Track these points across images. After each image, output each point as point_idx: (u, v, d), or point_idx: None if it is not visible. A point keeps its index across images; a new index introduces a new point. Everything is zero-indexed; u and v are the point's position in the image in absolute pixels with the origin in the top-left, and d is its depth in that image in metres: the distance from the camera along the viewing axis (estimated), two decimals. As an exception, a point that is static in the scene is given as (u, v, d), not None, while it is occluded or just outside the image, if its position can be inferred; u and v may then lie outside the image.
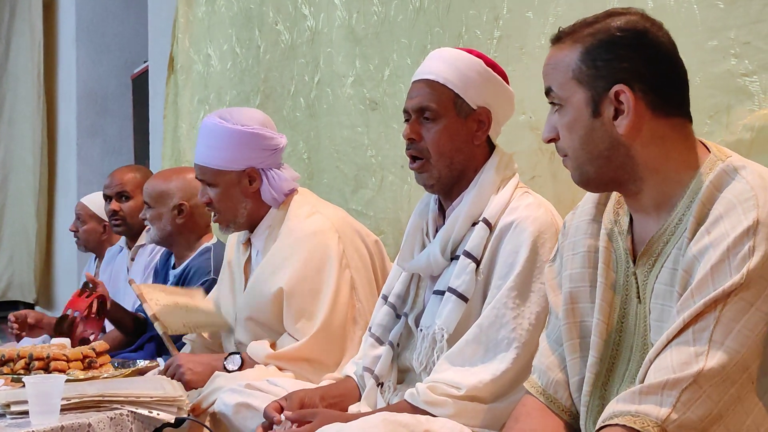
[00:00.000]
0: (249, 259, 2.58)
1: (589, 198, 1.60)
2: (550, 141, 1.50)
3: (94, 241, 4.08)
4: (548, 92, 1.48)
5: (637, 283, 1.46)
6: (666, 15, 1.97)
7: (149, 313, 2.54)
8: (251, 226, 2.54)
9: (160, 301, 2.60)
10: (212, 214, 2.55)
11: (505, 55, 2.40)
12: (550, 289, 1.63)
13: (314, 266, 2.37)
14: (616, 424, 1.26)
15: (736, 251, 1.26)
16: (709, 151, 1.42)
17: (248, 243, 2.59)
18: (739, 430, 1.25)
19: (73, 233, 4.16)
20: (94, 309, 3.04)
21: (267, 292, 2.42)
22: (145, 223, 3.12)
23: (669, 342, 1.28)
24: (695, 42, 1.93)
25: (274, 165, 2.49)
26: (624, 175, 1.44)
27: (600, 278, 1.50)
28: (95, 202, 4.10)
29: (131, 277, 3.62)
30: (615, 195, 1.55)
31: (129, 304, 3.46)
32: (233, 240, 2.68)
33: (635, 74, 1.40)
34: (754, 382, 1.26)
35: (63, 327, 2.94)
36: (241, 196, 2.48)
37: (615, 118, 1.41)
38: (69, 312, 2.98)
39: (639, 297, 1.46)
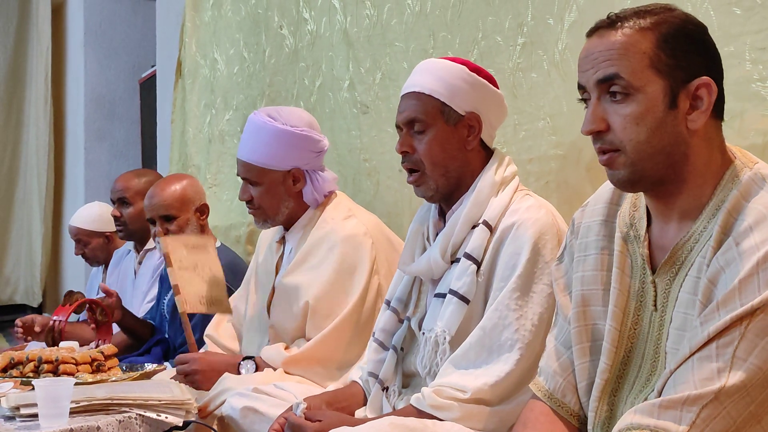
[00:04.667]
0: (281, 257, 2.59)
1: (601, 197, 1.55)
2: (593, 133, 1.37)
3: (103, 255, 4.07)
4: (609, 79, 1.35)
5: (655, 291, 1.42)
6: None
7: (172, 283, 2.50)
8: (287, 224, 2.56)
9: (183, 263, 2.54)
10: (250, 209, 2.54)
11: (528, 62, 2.38)
12: (558, 289, 1.59)
13: (345, 272, 2.39)
14: None
15: (766, 266, 1.22)
16: (735, 157, 1.38)
17: (282, 241, 2.60)
18: None
19: (82, 257, 4.14)
20: (94, 315, 3.03)
21: (295, 300, 2.43)
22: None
23: (691, 355, 1.25)
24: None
25: (317, 167, 2.51)
26: (672, 175, 1.36)
27: (614, 283, 1.46)
28: (86, 218, 4.07)
29: (139, 275, 3.61)
30: (631, 197, 1.50)
31: (136, 307, 3.46)
32: (264, 241, 2.69)
33: (709, 69, 1.35)
34: None
35: (48, 339, 2.92)
36: (284, 195, 2.49)
37: (689, 112, 1.35)
38: (53, 319, 2.95)
39: (656, 305, 1.42)
